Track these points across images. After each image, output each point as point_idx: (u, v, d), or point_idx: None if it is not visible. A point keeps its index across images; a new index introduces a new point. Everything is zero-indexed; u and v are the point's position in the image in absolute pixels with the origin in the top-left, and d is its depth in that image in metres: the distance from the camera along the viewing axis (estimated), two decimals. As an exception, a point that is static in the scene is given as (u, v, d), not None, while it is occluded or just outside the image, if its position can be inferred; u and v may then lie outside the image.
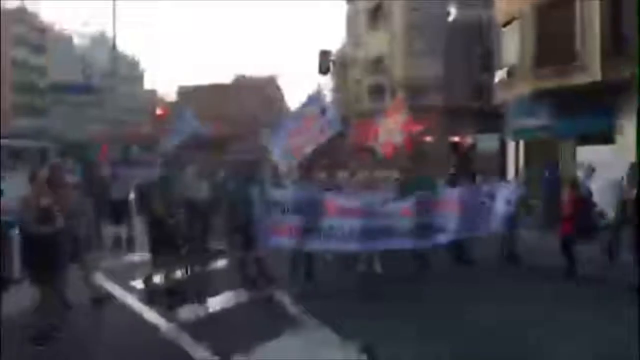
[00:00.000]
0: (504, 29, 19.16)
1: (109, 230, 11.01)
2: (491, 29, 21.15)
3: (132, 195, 12.93)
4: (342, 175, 10.53)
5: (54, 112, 54.34)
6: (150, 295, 6.87)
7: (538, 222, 11.88)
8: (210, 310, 6.44)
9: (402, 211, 7.84)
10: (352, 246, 7.55)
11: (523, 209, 9.65)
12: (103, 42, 65.82)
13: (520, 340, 5.48)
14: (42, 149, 52.14)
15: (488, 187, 8.91)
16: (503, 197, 8.81)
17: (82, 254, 6.50)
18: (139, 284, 7.50)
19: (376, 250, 8.12)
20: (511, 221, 9.03)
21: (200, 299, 6.67)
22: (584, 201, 8.62)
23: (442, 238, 8.18)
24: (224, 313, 6.37)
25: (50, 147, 52.63)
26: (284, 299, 6.88)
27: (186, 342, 5.32)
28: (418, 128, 13.99)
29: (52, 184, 5.81)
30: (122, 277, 7.85)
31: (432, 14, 33.02)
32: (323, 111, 8.78)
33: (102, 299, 6.69)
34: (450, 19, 28.50)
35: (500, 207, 8.66)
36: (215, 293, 7.01)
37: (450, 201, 8.30)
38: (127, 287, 7.38)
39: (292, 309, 6.48)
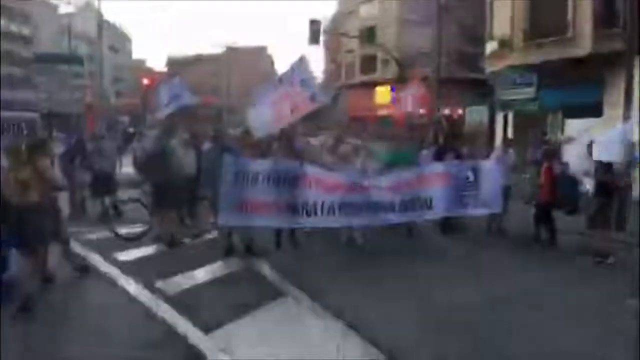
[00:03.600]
0: (496, 1, 18.95)
1: (94, 203, 10.98)
2: (483, 0, 20.87)
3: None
4: (325, 141, 10.43)
5: (40, 83, 53.37)
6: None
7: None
8: (192, 282, 6.42)
9: (386, 185, 7.82)
10: (334, 222, 7.53)
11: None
12: (89, 11, 64.36)
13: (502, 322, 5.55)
14: (28, 120, 51.58)
15: (476, 162, 8.88)
16: (492, 171, 8.81)
17: (62, 227, 6.44)
18: (122, 256, 7.50)
19: (359, 227, 8.10)
20: (504, 194, 9.06)
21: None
22: (559, 170, 8.63)
23: (428, 214, 8.20)
24: (205, 285, 6.37)
25: (36, 119, 52.07)
26: (265, 269, 6.91)
27: (168, 315, 5.33)
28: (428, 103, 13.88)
29: (31, 156, 5.70)
30: (107, 250, 7.79)
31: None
32: (304, 83, 8.34)
33: (85, 267, 6.69)
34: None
35: (492, 182, 8.66)
36: (197, 265, 7.01)
37: (437, 176, 8.25)
38: (111, 260, 7.34)
39: (274, 280, 6.50)
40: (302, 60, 8.52)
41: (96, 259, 7.35)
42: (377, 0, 41.45)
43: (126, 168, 14.21)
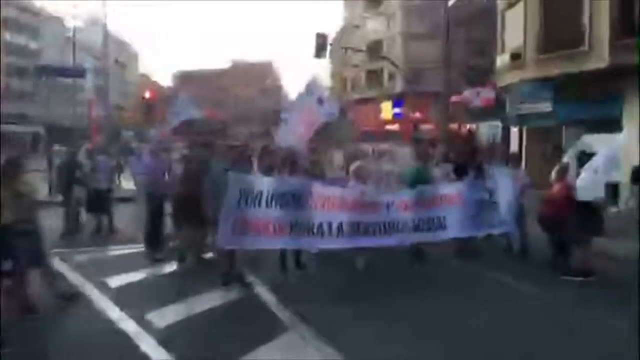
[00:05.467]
0: (507, 12, 18.44)
1: (89, 220, 10.47)
2: (494, 12, 20.38)
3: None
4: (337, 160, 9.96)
5: (44, 96, 53.48)
6: None
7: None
8: (185, 313, 5.79)
9: (400, 204, 7.25)
10: (342, 243, 6.90)
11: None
12: (96, 26, 64.67)
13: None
14: (33, 134, 51.46)
15: (493, 180, 8.34)
16: (509, 189, 8.30)
17: (43, 250, 5.86)
18: (113, 281, 6.91)
19: (369, 248, 7.48)
20: (519, 215, 8.50)
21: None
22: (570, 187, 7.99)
23: (442, 235, 7.63)
24: (200, 317, 5.74)
25: (40, 132, 52.01)
26: (268, 297, 6.29)
27: (153, 348, 4.73)
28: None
29: (7, 176, 5.18)
30: (97, 274, 7.20)
31: (432, -3, 32.18)
32: (320, 101, 8.99)
33: (72, 295, 6.10)
34: (451, 2, 27.70)
35: (507, 201, 8.14)
36: (193, 292, 6.39)
37: (453, 195, 7.76)
38: (99, 285, 6.74)
39: (278, 310, 5.87)
40: (315, 80, 9.65)
41: (85, 285, 6.76)
42: (384, 14, 41.26)
43: (127, 183, 13.77)
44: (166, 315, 5.65)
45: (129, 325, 5.35)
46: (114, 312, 5.74)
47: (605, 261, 8.02)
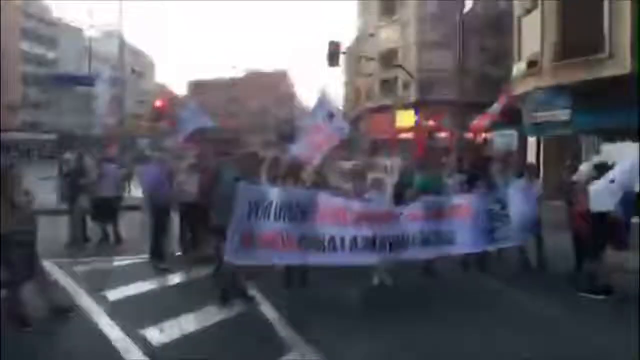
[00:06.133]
0: (524, 19, 18.08)
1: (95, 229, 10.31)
2: (510, 19, 20.03)
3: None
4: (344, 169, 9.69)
5: (60, 105, 54.16)
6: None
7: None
8: (184, 330, 5.52)
9: (409, 216, 6.93)
10: (349, 259, 6.50)
11: None
12: (112, 36, 65.59)
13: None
14: (48, 142, 52.01)
15: (507, 191, 8.00)
16: (523, 200, 7.97)
17: (37, 262, 5.64)
18: (112, 293, 6.68)
19: (383, 263, 7.16)
20: (535, 227, 8.15)
21: None
22: None
23: (453, 249, 7.29)
24: (199, 335, 5.47)
25: (56, 140, 52.55)
26: (270, 314, 5.99)
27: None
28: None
29: (2, 185, 5.00)
30: (96, 285, 6.99)
31: (447, 5, 31.85)
32: (330, 116, 8.87)
33: (67, 309, 5.87)
34: (466, 9, 27.42)
35: (521, 212, 7.81)
36: (194, 307, 6.13)
37: (464, 207, 7.42)
38: (97, 297, 6.51)
39: (280, 330, 5.58)
40: (324, 94, 9.52)
41: (82, 297, 6.55)
42: (398, 22, 40.99)
43: (137, 191, 13.59)
44: (163, 332, 5.39)
45: (121, 342, 5.09)
46: (108, 327, 5.49)
47: (627, 277, 7.60)
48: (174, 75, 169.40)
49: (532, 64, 16.52)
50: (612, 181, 7.15)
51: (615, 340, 5.30)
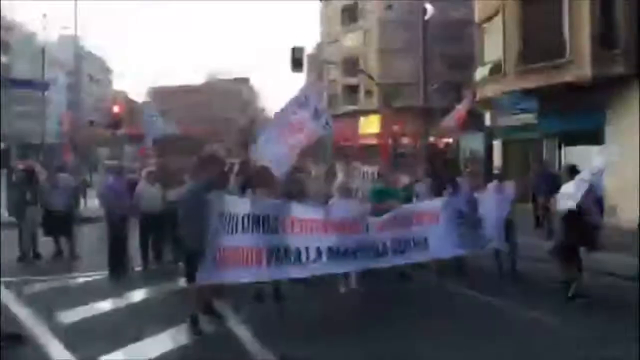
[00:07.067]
0: (485, 25, 18.28)
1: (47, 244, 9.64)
2: (471, 25, 20.25)
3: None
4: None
5: (14, 112, 51.87)
6: None
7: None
8: (147, 355, 5.05)
9: (378, 225, 6.70)
10: (323, 269, 6.21)
11: None
12: (69, 42, 63.55)
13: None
14: (3, 150, 49.62)
15: (474, 195, 7.91)
16: (494, 204, 7.88)
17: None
18: (67, 315, 6.13)
19: (351, 271, 6.89)
20: (507, 231, 8.04)
21: None
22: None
23: (424, 255, 7.09)
24: (163, 358, 5.02)
25: (11, 149, 50.25)
26: (243, 333, 5.60)
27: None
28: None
29: None
30: (50, 306, 6.41)
31: (408, 12, 32.12)
32: (316, 113, 7.63)
33: (16, 337, 5.31)
34: (427, 16, 27.69)
35: (493, 216, 7.73)
36: (158, 329, 5.66)
37: (431, 213, 7.26)
38: (51, 322, 5.95)
39: (253, 348, 5.19)
40: (314, 86, 7.64)
41: (34, 322, 5.96)
42: (360, 29, 41.18)
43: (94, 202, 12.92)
44: (126, 357, 4.93)
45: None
46: (64, 356, 4.98)
47: (604, 278, 7.60)
48: (133, 82, 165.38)
49: (494, 69, 16.67)
50: (582, 180, 7.12)
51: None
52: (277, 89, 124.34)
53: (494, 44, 17.09)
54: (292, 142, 7.47)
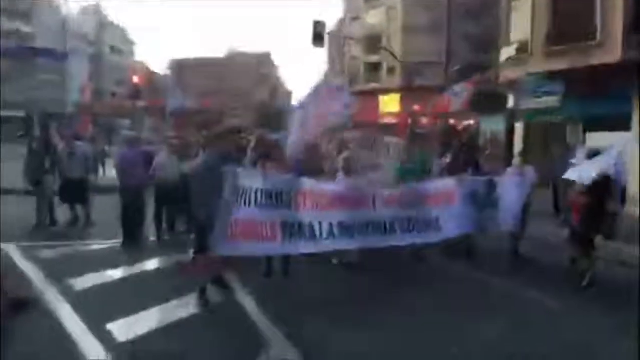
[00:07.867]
0: (513, 3, 17.70)
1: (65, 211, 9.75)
2: (499, 4, 19.63)
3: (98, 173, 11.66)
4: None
5: (36, 81, 52.42)
6: None
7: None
8: (152, 324, 5.07)
9: (391, 201, 6.60)
10: (333, 245, 6.19)
11: None
12: (93, 13, 63.65)
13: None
14: (25, 119, 50.28)
15: (492, 177, 7.74)
16: (513, 187, 7.73)
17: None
18: (78, 282, 6.19)
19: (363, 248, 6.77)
20: (522, 214, 7.89)
21: None
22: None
23: (435, 236, 6.97)
24: (170, 328, 5.03)
25: (33, 117, 50.87)
26: (249, 306, 5.59)
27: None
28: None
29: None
30: (62, 272, 6.48)
31: (434, -11, 31.33)
32: (345, 108, 8.07)
33: (23, 302, 5.35)
34: (454, -6, 26.99)
35: (510, 199, 7.59)
36: (167, 298, 5.69)
37: (446, 192, 7.17)
38: (62, 287, 6.01)
39: (259, 321, 5.18)
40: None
41: (46, 286, 6.04)
42: (384, 6, 40.38)
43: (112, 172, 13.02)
44: (131, 326, 4.95)
45: (86, 338, 4.64)
46: (73, 321, 5.02)
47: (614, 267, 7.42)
48: (154, 54, 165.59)
49: (521, 49, 16.18)
50: (594, 162, 6.94)
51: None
52: (298, 64, 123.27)
53: (522, 24, 16.57)
54: (313, 128, 7.68)
